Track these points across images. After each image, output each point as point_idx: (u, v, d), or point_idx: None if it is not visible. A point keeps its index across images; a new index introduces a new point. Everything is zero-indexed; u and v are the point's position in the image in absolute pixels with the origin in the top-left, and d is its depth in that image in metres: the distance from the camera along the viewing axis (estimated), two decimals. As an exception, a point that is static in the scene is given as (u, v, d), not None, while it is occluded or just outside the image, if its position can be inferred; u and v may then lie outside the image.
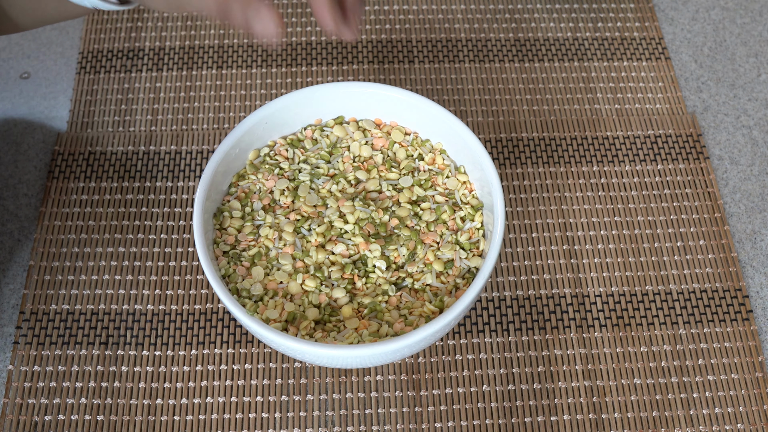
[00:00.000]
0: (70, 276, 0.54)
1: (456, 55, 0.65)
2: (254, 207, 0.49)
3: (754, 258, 0.56)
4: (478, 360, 0.51)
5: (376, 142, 0.51)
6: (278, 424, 0.49)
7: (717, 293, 0.54)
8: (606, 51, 0.66)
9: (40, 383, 0.50)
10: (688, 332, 0.53)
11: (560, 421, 0.49)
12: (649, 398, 0.50)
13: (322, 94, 0.50)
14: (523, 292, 0.54)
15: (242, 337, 0.52)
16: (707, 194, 0.58)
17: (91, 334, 0.52)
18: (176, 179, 0.58)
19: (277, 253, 0.47)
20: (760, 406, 0.50)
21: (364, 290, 0.46)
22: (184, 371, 0.51)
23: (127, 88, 0.63)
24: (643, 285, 0.54)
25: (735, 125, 0.62)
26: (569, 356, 0.51)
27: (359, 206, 0.48)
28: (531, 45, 0.66)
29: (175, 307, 0.53)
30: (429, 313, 0.45)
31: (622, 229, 0.57)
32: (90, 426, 0.49)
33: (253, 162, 0.51)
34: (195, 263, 0.54)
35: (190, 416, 0.49)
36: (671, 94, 0.64)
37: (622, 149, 0.60)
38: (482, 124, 0.61)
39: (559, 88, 0.64)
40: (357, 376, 0.51)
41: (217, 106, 0.62)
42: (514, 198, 0.58)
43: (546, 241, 0.56)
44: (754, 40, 0.67)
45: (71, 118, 0.61)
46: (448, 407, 0.50)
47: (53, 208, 0.56)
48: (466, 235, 0.48)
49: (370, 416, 0.49)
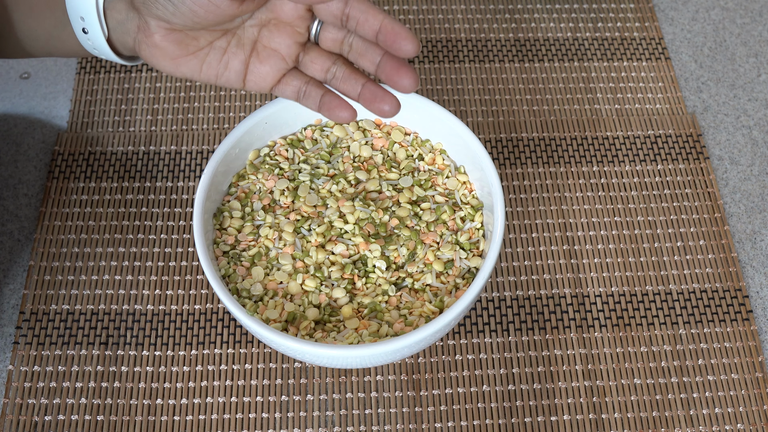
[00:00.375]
0: (70, 276, 0.54)
1: (456, 55, 0.65)
2: (254, 207, 0.49)
3: (754, 258, 0.56)
4: (478, 360, 0.51)
5: (376, 142, 0.51)
6: (278, 424, 0.49)
7: (717, 293, 0.54)
8: (606, 51, 0.66)
9: (40, 383, 0.50)
10: (688, 332, 0.53)
11: (560, 421, 0.49)
12: (649, 398, 0.50)
13: (322, 94, 0.50)
14: (523, 292, 0.54)
15: (242, 337, 0.52)
16: (707, 194, 0.58)
17: (91, 334, 0.52)
18: (176, 179, 0.58)
19: (277, 253, 0.47)
20: (760, 406, 0.50)
21: (364, 290, 0.46)
22: (184, 371, 0.51)
23: (127, 88, 0.63)
24: (643, 285, 0.54)
25: (735, 125, 0.62)
26: (569, 356, 0.51)
27: (359, 206, 0.48)
28: (531, 45, 0.66)
29: (175, 307, 0.53)
30: (429, 313, 0.45)
31: (622, 229, 0.57)
32: (90, 426, 0.49)
33: (253, 162, 0.51)
34: (195, 263, 0.54)
35: (190, 416, 0.49)
36: (671, 94, 0.64)
37: (622, 149, 0.60)
38: (482, 124, 0.61)
39: (559, 88, 0.64)
40: (357, 376, 0.51)
41: (217, 106, 0.62)
42: (514, 198, 0.58)
43: (546, 241, 0.56)
44: (754, 40, 0.67)
45: (71, 118, 0.61)
46: (448, 407, 0.50)
47: (53, 208, 0.56)
48: (466, 235, 0.48)
49: (370, 416, 0.49)
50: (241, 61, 0.43)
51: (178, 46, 0.42)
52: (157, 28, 0.41)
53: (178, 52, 0.42)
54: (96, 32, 0.44)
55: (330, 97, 0.44)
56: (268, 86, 0.44)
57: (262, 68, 0.43)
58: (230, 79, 0.43)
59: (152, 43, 0.42)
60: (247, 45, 0.43)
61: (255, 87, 0.44)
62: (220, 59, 0.43)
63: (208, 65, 0.43)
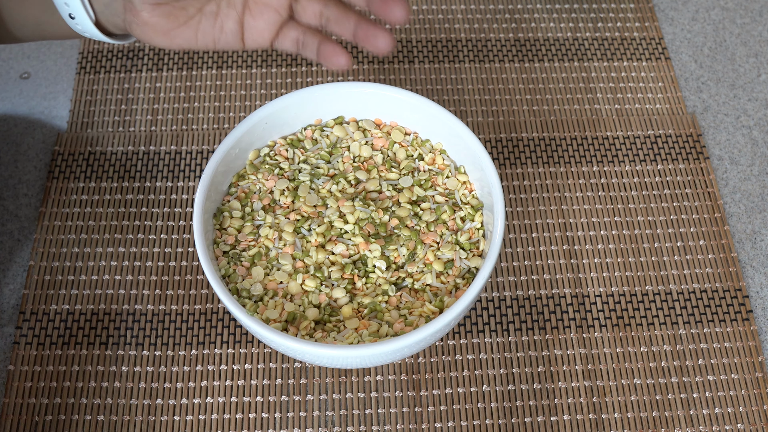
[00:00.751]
0: (70, 276, 0.54)
1: (456, 55, 0.65)
2: (254, 207, 0.49)
3: (754, 258, 0.56)
4: (478, 360, 0.51)
5: (376, 142, 0.51)
6: (278, 424, 0.49)
7: (717, 293, 0.54)
8: (606, 51, 0.66)
9: (40, 383, 0.50)
10: (688, 332, 0.53)
11: (560, 421, 0.49)
12: (649, 398, 0.50)
13: (322, 94, 0.50)
14: (523, 292, 0.54)
15: (242, 337, 0.52)
16: (707, 194, 0.58)
17: (91, 334, 0.52)
18: (176, 179, 0.58)
19: (277, 253, 0.47)
20: (760, 406, 0.50)
21: (364, 290, 0.46)
22: (184, 371, 0.51)
23: (127, 88, 0.63)
24: (643, 285, 0.54)
25: (735, 125, 0.62)
26: (569, 356, 0.51)
27: (359, 206, 0.48)
28: (531, 45, 0.66)
29: (175, 307, 0.53)
30: (429, 313, 0.45)
31: (622, 229, 0.57)
32: (90, 426, 0.49)
33: (253, 162, 0.51)
34: (195, 263, 0.54)
35: (190, 416, 0.49)
36: (671, 94, 0.64)
37: (622, 149, 0.60)
38: (482, 124, 0.61)
39: (559, 88, 0.64)
40: (357, 376, 0.51)
41: (217, 106, 0.62)
42: (514, 198, 0.58)
43: (546, 241, 0.56)
44: (754, 40, 0.67)
45: (71, 118, 0.61)
46: (448, 407, 0.50)
47: (53, 208, 0.56)
48: (466, 235, 0.48)
49: (370, 416, 0.49)
50: (236, 21, 0.43)
51: (167, 20, 0.42)
52: (142, 5, 0.41)
53: (169, 25, 0.42)
54: (82, 17, 0.44)
55: (326, 45, 0.44)
56: (267, 41, 0.44)
57: (257, 23, 0.43)
58: (228, 41, 0.43)
59: (142, 21, 0.42)
60: (238, 4, 0.43)
61: (254, 44, 0.44)
62: (214, 23, 0.43)
63: (203, 33, 0.43)
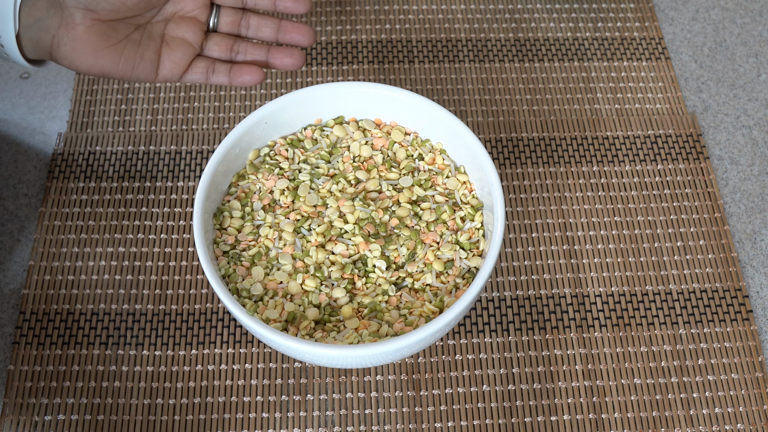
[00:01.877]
0: (70, 276, 0.54)
1: (456, 55, 0.65)
2: (254, 207, 0.49)
3: (754, 258, 0.56)
4: (478, 360, 0.51)
5: (376, 142, 0.51)
6: (278, 424, 0.49)
7: (717, 293, 0.54)
8: (606, 51, 0.66)
9: (40, 383, 0.50)
10: (688, 332, 0.53)
11: (560, 421, 0.49)
12: (649, 398, 0.50)
13: (322, 94, 0.50)
14: (523, 292, 0.54)
15: (242, 337, 0.52)
16: (707, 194, 0.58)
17: (91, 334, 0.52)
18: (176, 179, 0.58)
19: (277, 253, 0.47)
20: (760, 406, 0.50)
21: (364, 290, 0.46)
22: (184, 371, 0.51)
23: (127, 88, 0.63)
24: (643, 285, 0.54)
25: (735, 125, 0.62)
26: (569, 356, 0.51)
27: (359, 206, 0.48)
28: (531, 45, 0.66)
29: (175, 307, 0.53)
30: (429, 313, 0.45)
31: (622, 229, 0.57)
32: (90, 426, 0.49)
33: (253, 162, 0.51)
34: (195, 263, 0.54)
35: (190, 416, 0.49)
36: (671, 94, 0.64)
37: (622, 149, 0.60)
38: (482, 124, 0.61)
39: (559, 88, 0.64)
40: (357, 376, 0.51)
41: (217, 106, 0.62)
42: (514, 198, 0.58)
43: (546, 241, 0.56)
44: (754, 40, 0.67)
45: (71, 118, 0.61)
46: (448, 407, 0.50)
47: (53, 208, 0.56)
48: (466, 235, 0.48)
49: (370, 416, 0.49)
50: (155, 51, 0.48)
51: (100, 38, 0.46)
52: (83, 19, 0.45)
53: (100, 43, 0.46)
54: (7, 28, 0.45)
55: (238, 65, 0.49)
56: (179, 73, 0.49)
57: (173, 55, 0.48)
58: (146, 69, 0.48)
59: (75, 36, 0.45)
60: (157, 38, 0.48)
61: (167, 75, 0.49)
62: (136, 50, 0.47)
63: (126, 57, 0.47)
